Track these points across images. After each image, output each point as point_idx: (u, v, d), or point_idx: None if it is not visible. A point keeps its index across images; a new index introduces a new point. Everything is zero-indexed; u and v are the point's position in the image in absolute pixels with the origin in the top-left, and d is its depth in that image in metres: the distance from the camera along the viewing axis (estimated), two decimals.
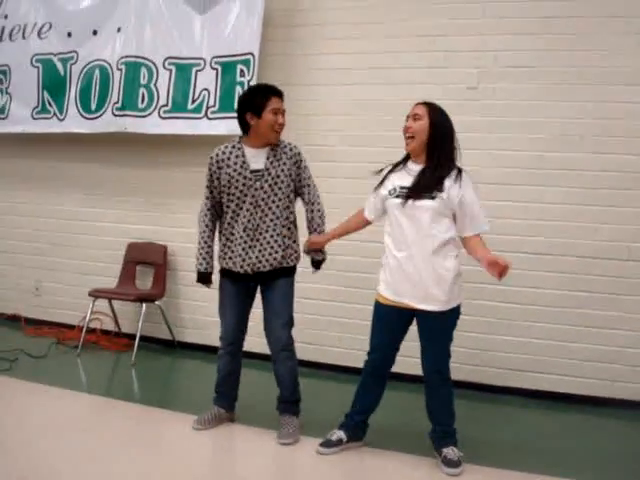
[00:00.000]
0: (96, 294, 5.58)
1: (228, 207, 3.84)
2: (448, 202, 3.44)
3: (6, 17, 6.25)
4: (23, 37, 6.17)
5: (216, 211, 3.95)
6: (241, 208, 3.79)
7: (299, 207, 4.00)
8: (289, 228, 3.89)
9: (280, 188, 3.79)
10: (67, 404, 4.35)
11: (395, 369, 4.78)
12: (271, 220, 3.78)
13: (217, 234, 3.99)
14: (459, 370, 4.92)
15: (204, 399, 4.34)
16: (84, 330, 5.60)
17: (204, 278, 3.99)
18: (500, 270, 3.38)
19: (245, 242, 3.79)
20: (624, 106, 4.67)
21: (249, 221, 3.78)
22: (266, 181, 3.76)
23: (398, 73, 5.13)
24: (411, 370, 4.42)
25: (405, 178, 3.56)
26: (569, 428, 4.38)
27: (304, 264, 4.05)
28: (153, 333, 5.91)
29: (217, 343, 5.41)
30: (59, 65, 6.02)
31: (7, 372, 4.85)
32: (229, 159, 3.81)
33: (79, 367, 5.31)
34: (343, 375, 5.03)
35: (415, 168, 3.55)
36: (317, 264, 4.01)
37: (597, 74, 4.71)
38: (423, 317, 3.54)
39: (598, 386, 4.75)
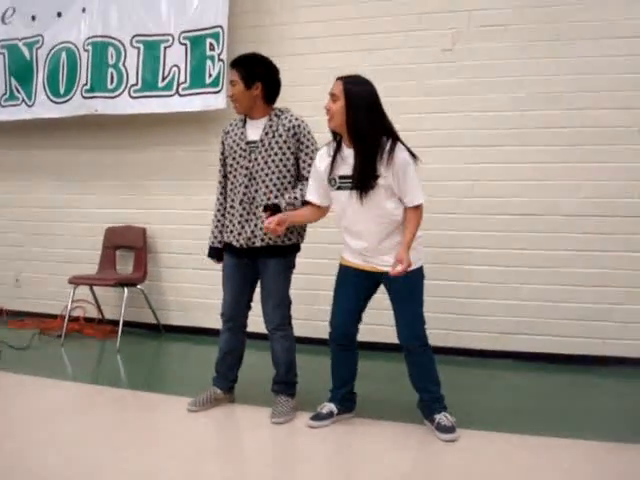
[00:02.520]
0: (76, 281, 5.48)
1: (228, 179, 3.80)
2: (386, 183, 3.35)
3: None
4: None
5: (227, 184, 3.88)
6: (238, 180, 3.72)
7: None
8: (288, 204, 3.69)
9: (274, 160, 3.66)
10: (54, 393, 4.26)
11: (383, 339, 4.79)
12: (264, 193, 3.66)
13: None
14: (448, 337, 4.92)
15: (192, 381, 4.29)
16: (66, 319, 5.52)
17: (211, 253, 3.89)
18: (397, 269, 3.30)
19: (241, 215, 3.70)
20: (599, 60, 4.61)
21: (244, 194, 3.69)
22: (259, 152, 3.66)
23: (372, 39, 5.03)
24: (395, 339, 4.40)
25: (342, 166, 3.46)
26: (561, 388, 4.35)
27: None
28: (137, 318, 5.84)
29: (203, 324, 5.38)
30: (25, 50, 5.89)
31: None
32: (233, 130, 3.78)
33: (63, 356, 5.22)
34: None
35: (348, 153, 3.44)
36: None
37: (572, 29, 4.65)
38: (391, 279, 3.45)
39: (589, 345, 4.72)
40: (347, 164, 3.42)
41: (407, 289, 3.49)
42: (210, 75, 5.16)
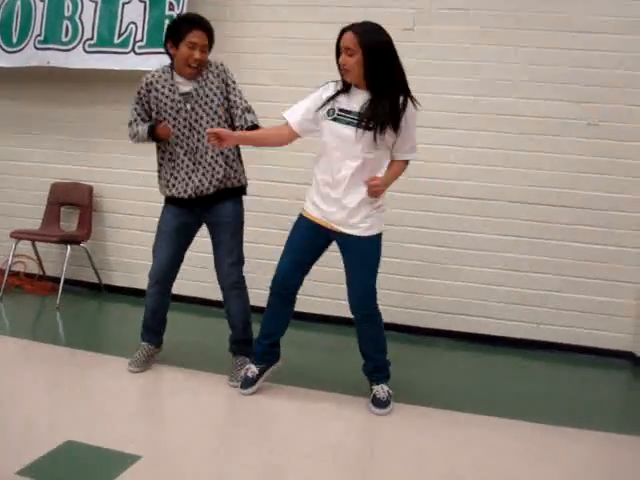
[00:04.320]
0: (18, 236, 5.38)
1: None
2: (389, 135, 3.36)
3: None
4: None
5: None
6: (175, 132, 3.71)
7: None
8: (232, 148, 3.76)
9: (211, 107, 3.69)
10: None
11: (323, 311, 4.86)
12: (208, 141, 3.62)
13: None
14: (388, 312, 4.93)
15: (130, 342, 4.26)
16: (6, 273, 5.42)
17: (154, 129, 3.70)
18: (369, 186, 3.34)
19: (188, 166, 3.72)
20: (556, 52, 4.67)
21: (187, 144, 3.71)
22: (196, 102, 3.68)
23: (333, 11, 5.00)
24: (339, 312, 4.50)
25: (346, 101, 3.40)
26: (495, 369, 4.48)
27: None
28: (79, 277, 5.77)
29: (145, 286, 5.32)
30: None
31: None
32: (158, 82, 3.73)
33: (1, 311, 5.16)
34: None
35: (358, 93, 3.38)
36: None
37: (532, 19, 4.69)
38: (345, 241, 3.48)
39: (524, 328, 4.86)
40: (354, 102, 3.37)
41: (362, 255, 3.50)
42: None
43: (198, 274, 5.07)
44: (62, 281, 5.31)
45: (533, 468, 3.06)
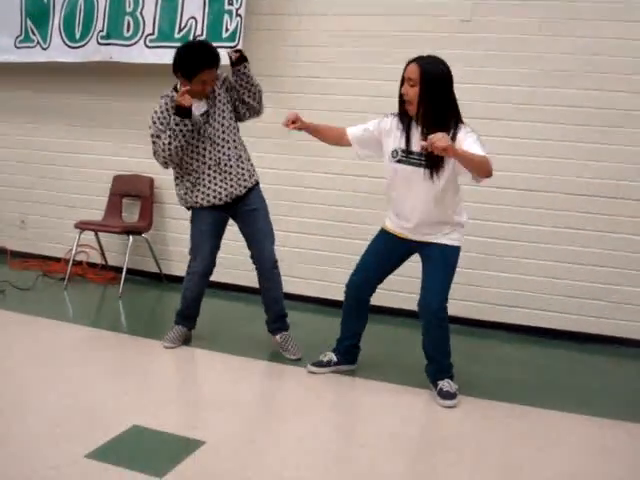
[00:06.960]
0: (82, 226, 5.52)
1: (184, 153, 3.91)
2: (450, 162, 3.42)
3: None
4: None
5: None
6: (198, 151, 3.91)
7: None
8: (243, 149, 4.08)
9: (224, 117, 3.93)
10: (54, 334, 4.36)
11: (391, 304, 4.89)
12: (229, 149, 3.95)
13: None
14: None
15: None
16: (70, 263, 5.57)
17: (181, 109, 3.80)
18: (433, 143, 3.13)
19: (215, 178, 3.94)
20: (616, 42, 4.58)
21: (210, 158, 3.92)
22: (214, 119, 3.90)
23: (390, 4, 5.00)
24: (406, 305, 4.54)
25: (408, 142, 3.48)
26: (553, 362, 4.44)
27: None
28: (140, 266, 5.91)
29: None
30: None
31: None
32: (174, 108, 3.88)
33: (66, 299, 5.31)
34: (328, 308, 5.06)
35: (416, 131, 3.45)
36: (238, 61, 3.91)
37: (590, 9, 4.61)
38: (425, 249, 3.60)
39: (583, 322, 4.81)
40: (416, 141, 3.44)
41: (441, 260, 3.58)
42: (227, 29, 5.13)
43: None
44: (124, 271, 5.44)
45: (591, 461, 3.04)
